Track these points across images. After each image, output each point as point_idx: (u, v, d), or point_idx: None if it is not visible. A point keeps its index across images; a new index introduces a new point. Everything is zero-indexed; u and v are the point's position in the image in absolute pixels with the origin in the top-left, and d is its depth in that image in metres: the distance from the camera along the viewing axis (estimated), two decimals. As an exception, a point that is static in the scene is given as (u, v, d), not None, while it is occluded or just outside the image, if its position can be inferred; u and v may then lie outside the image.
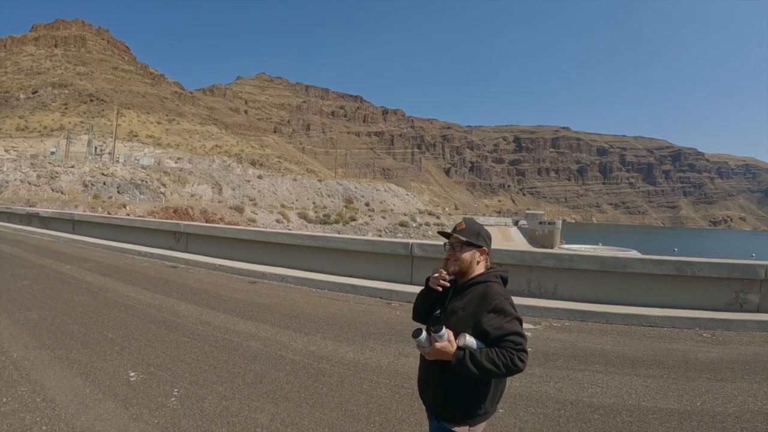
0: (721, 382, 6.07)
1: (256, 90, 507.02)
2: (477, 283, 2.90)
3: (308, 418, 5.02)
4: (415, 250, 12.04)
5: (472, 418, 2.80)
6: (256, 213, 76.20)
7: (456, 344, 2.66)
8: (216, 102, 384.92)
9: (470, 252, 2.96)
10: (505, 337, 2.61)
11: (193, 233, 17.95)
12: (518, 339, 2.61)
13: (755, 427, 4.88)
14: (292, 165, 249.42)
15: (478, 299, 2.80)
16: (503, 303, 2.72)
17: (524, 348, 2.61)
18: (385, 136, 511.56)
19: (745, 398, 5.56)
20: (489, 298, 2.76)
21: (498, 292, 2.79)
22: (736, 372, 6.43)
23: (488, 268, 3.05)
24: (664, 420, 5.06)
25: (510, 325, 2.66)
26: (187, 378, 5.99)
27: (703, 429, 4.85)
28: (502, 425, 4.90)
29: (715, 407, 5.34)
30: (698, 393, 5.73)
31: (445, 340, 2.65)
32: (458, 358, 2.63)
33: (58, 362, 6.38)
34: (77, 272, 13.40)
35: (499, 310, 2.70)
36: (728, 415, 5.14)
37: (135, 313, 9.18)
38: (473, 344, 2.64)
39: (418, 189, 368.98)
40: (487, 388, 2.79)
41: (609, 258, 10.57)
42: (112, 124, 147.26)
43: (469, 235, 2.97)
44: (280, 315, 9.44)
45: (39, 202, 60.48)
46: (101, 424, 4.74)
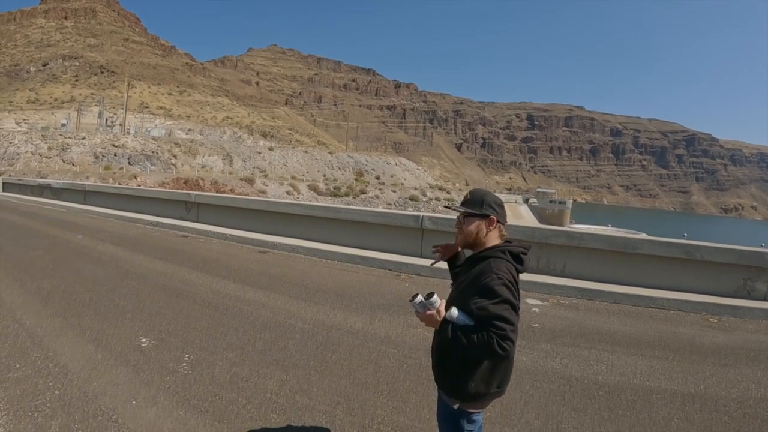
0: (726, 367, 6.07)
1: (267, 62, 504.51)
2: (484, 257, 2.77)
3: (317, 385, 5.07)
4: (425, 223, 12.03)
5: (463, 395, 2.77)
6: (266, 184, 76.34)
7: (443, 315, 2.65)
8: (227, 74, 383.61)
9: (475, 223, 2.84)
10: (490, 320, 2.51)
11: (204, 203, 17.99)
12: (501, 324, 2.49)
13: (757, 413, 4.89)
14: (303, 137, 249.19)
15: (475, 275, 2.70)
16: (493, 283, 2.57)
17: (507, 335, 2.47)
18: (397, 110, 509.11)
19: (748, 384, 5.56)
20: (482, 275, 2.64)
21: (493, 271, 2.62)
22: (740, 358, 6.42)
23: (504, 238, 2.90)
24: (667, 401, 5.07)
25: (495, 308, 2.52)
26: (197, 345, 6.05)
27: (705, 412, 4.87)
28: (507, 398, 4.91)
29: (718, 392, 5.34)
30: (702, 377, 5.73)
31: (434, 309, 2.64)
32: (442, 330, 2.64)
33: (70, 329, 6.45)
34: (89, 242, 13.48)
35: (486, 291, 2.57)
36: (731, 400, 5.15)
37: (146, 282, 9.25)
38: (456, 318, 2.62)
39: (429, 164, 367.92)
40: (477, 368, 2.70)
41: (618, 238, 10.48)
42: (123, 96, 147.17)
43: (472, 205, 2.85)
44: (290, 285, 9.48)
45: (50, 173, 60.75)
46: (113, 389, 4.80)
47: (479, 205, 2.84)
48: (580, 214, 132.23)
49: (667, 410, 4.88)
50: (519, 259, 2.77)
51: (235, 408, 4.51)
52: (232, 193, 58.26)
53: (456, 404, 2.81)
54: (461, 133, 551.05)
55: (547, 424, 4.51)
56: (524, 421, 4.54)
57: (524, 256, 2.80)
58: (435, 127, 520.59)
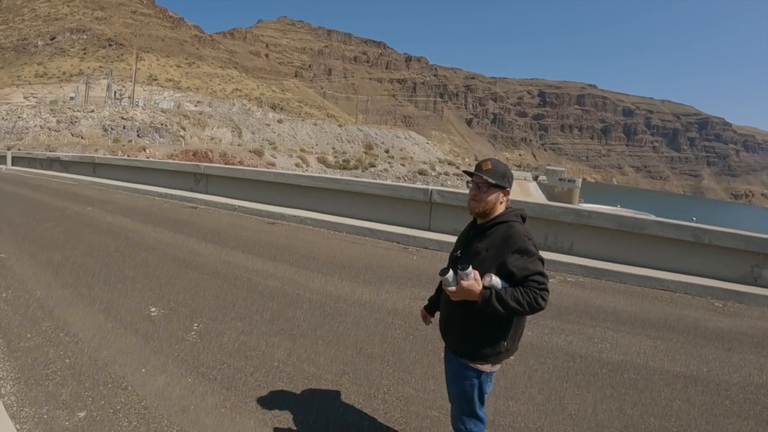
0: (729, 352, 6.07)
1: (277, 34, 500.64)
2: (499, 223, 2.89)
3: (324, 354, 5.13)
4: (434, 197, 12.00)
5: (496, 356, 2.89)
6: (275, 156, 76.24)
7: (482, 283, 2.70)
8: (236, 45, 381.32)
9: (495, 194, 2.90)
10: (530, 277, 2.66)
11: (213, 175, 18.00)
12: (541, 279, 2.66)
13: (758, 399, 4.89)
14: (312, 110, 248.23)
15: (502, 240, 2.80)
16: (527, 243, 2.75)
17: (547, 287, 2.66)
18: (408, 83, 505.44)
19: (750, 370, 5.56)
20: (512, 239, 2.77)
21: (521, 233, 2.79)
22: (744, 344, 6.41)
23: (508, 207, 3.03)
24: (669, 382, 5.10)
25: (534, 265, 2.69)
26: (206, 314, 6.12)
27: (707, 395, 4.89)
28: (512, 372, 4.97)
29: (720, 375, 5.36)
30: (705, 360, 5.74)
31: (472, 278, 2.69)
32: (484, 297, 2.65)
33: (80, 300, 6.52)
34: (98, 214, 13.55)
35: (523, 251, 2.72)
36: (733, 384, 5.16)
37: (155, 253, 9.32)
38: (498, 284, 2.68)
39: (438, 138, 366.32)
40: (509, 327, 2.85)
41: (627, 218, 10.42)
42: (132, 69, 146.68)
43: (495, 176, 2.88)
44: (298, 256, 9.54)
45: (59, 147, 60.73)
46: (123, 357, 4.86)
47: (501, 177, 2.90)
48: (590, 194, 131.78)
49: (669, 391, 4.91)
50: (524, 222, 3.00)
51: (242, 376, 4.57)
52: (241, 165, 58.23)
53: (487, 366, 2.91)
54: (472, 108, 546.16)
55: (551, 399, 4.55)
56: (528, 395, 4.59)
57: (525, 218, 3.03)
58: (445, 101, 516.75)
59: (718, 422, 4.39)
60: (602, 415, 4.33)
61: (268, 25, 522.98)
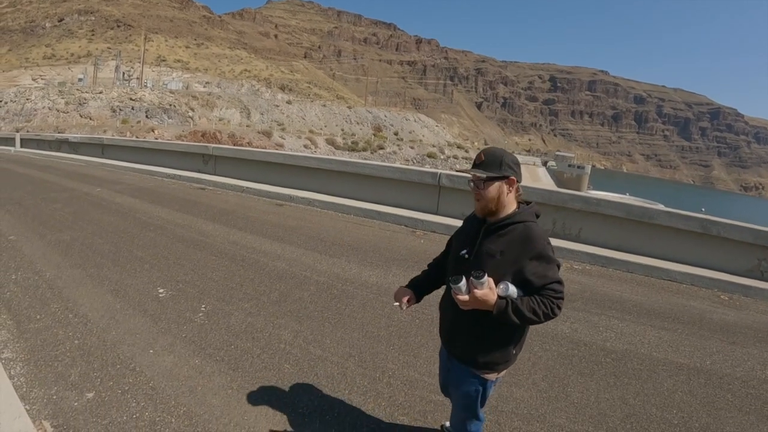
0: (733, 345, 6.06)
1: (286, 14, 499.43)
2: (514, 223, 2.61)
3: (330, 336, 5.16)
4: (442, 180, 12.01)
5: (504, 364, 2.79)
6: (284, 138, 76.25)
7: (497, 292, 2.50)
8: (245, 26, 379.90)
9: (496, 186, 2.61)
10: (547, 286, 2.48)
11: (221, 156, 18.02)
12: (559, 287, 2.50)
13: (760, 394, 4.89)
14: (321, 91, 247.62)
15: (520, 243, 2.55)
16: (546, 249, 2.53)
17: (563, 295, 2.51)
18: (418, 65, 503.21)
19: (754, 364, 5.56)
20: (532, 243, 2.53)
21: (540, 236, 2.55)
22: (748, 338, 6.40)
23: (520, 199, 2.73)
24: (673, 373, 5.10)
25: (552, 272, 2.51)
26: (214, 295, 6.15)
27: (709, 387, 4.89)
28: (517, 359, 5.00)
29: (724, 368, 5.36)
30: (709, 352, 5.74)
31: (486, 287, 2.46)
32: (500, 308, 2.47)
33: (89, 280, 6.54)
34: (107, 194, 13.57)
35: (543, 257, 2.51)
36: (735, 378, 5.16)
37: (164, 233, 9.34)
38: (514, 293, 2.49)
39: (448, 121, 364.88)
40: (520, 334, 2.75)
41: (636, 207, 10.37)
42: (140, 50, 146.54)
43: (490, 167, 2.62)
44: (306, 237, 9.56)
45: (68, 128, 60.86)
46: (131, 337, 4.90)
47: (498, 165, 2.62)
48: (599, 181, 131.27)
49: (671, 382, 4.92)
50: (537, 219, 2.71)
51: (249, 357, 4.60)
52: (249, 146, 58.20)
53: (493, 375, 2.81)
54: (482, 92, 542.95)
55: (554, 385, 4.57)
56: (531, 381, 4.61)
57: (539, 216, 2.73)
58: (455, 84, 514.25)
59: (719, 415, 4.40)
60: (605, 403, 4.35)
61: (278, 5, 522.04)
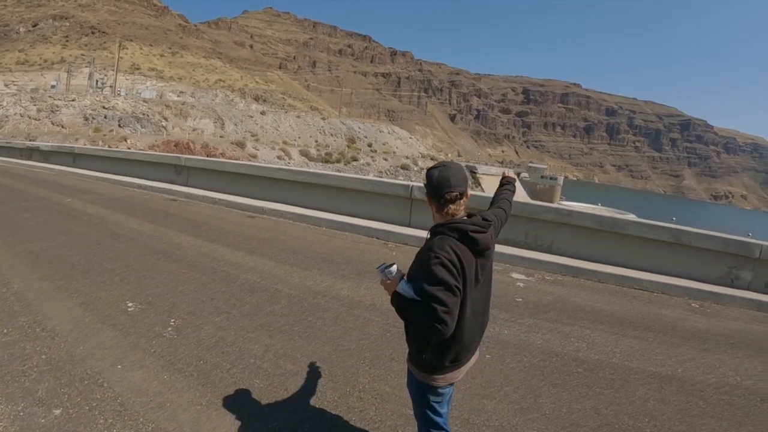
0: (705, 352, 6.14)
1: (262, 24, 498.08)
2: (433, 233, 2.77)
3: (301, 350, 5.15)
4: (415, 193, 12.03)
5: (419, 365, 2.86)
6: (257, 149, 76.04)
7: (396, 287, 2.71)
8: (221, 35, 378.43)
9: (432, 205, 2.86)
10: (426, 300, 2.52)
11: (194, 167, 17.89)
12: (433, 305, 2.49)
13: (732, 400, 4.95)
14: (296, 102, 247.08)
15: (422, 251, 2.73)
16: (431, 263, 2.56)
17: (440, 316, 2.47)
18: (392, 77, 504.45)
19: (726, 371, 5.63)
20: (424, 255, 2.65)
21: (434, 250, 2.60)
22: (720, 345, 6.48)
23: (455, 214, 2.80)
24: (645, 381, 5.16)
25: (431, 288, 2.52)
26: (184, 308, 6.11)
27: (682, 395, 4.94)
28: (489, 370, 5.03)
29: (696, 376, 5.42)
30: (681, 360, 5.80)
31: (390, 279, 2.71)
32: (391, 299, 2.72)
33: (58, 293, 6.48)
34: (78, 204, 13.43)
35: (424, 271, 2.59)
36: (708, 385, 5.22)
37: (135, 245, 9.27)
38: (404, 290, 2.67)
39: (422, 133, 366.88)
40: (426, 339, 2.76)
41: (607, 218, 10.51)
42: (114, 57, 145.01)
43: (426, 188, 2.85)
44: (278, 249, 9.53)
45: (39, 135, 60.08)
46: (100, 352, 4.85)
47: (428, 187, 2.83)
48: (571, 191, 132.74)
49: (644, 390, 4.96)
50: (469, 237, 2.69)
51: (219, 372, 4.58)
52: (222, 156, 57.94)
53: (422, 375, 2.89)
54: (456, 104, 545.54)
55: (526, 397, 4.60)
56: (503, 393, 4.63)
57: (476, 234, 2.72)
58: (429, 96, 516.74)
59: (693, 423, 4.45)
60: (577, 414, 4.39)
61: (254, 15, 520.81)
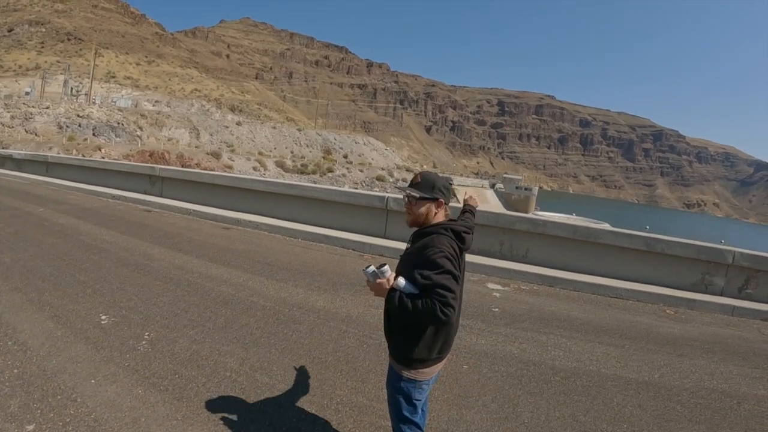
0: (681, 357, 6.23)
1: (239, 34, 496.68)
2: (428, 233, 2.98)
3: (277, 363, 5.11)
4: (390, 204, 12.07)
5: (408, 361, 2.99)
6: (233, 159, 75.85)
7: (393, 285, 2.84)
8: (198, 45, 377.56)
9: (426, 206, 3.05)
10: (433, 288, 2.72)
11: (168, 177, 17.75)
12: (443, 292, 2.71)
13: (709, 404, 5.02)
14: (272, 112, 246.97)
15: (420, 248, 2.91)
16: (436, 255, 2.80)
17: (449, 302, 2.70)
18: (368, 89, 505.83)
19: (701, 375, 5.72)
20: (427, 249, 2.85)
21: (437, 245, 2.85)
22: (695, 350, 6.58)
23: (448, 216, 3.16)
24: (622, 388, 5.21)
25: (438, 277, 2.75)
26: (158, 321, 6.04)
27: (659, 400, 5.01)
28: (466, 380, 5.04)
29: (672, 381, 5.50)
30: (657, 366, 5.88)
31: (384, 278, 2.85)
32: (389, 296, 2.82)
33: (30, 305, 6.37)
34: (51, 215, 13.25)
35: (430, 262, 2.79)
36: (684, 390, 5.29)
37: (108, 256, 9.16)
38: (402, 286, 2.81)
39: (397, 144, 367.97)
40: (421, 333, 2.94)
41: (582, 227, 10.64)
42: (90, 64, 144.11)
43: (423, 189, 3.05)
44: (253, 261, 9.48)
45: (12, 143, 59.35)
46: (73, 366, 4.78)
47: (430, 189, 3.05)
48: (546, 202, 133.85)
49: (621, 397, 5.01)
50: (461, 237, 3.02)
51: (194, 386, 4.53)
52: (198, 167, 57.62)
53: (403, 370, 3.02)
54: (431, 116, 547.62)
55: (504, 406, 4.62)
56: (481, 403, 4.65)
57: (466, 235, 3.06)
58: (405, 108, 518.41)
59: (670, 427, 4.51)
60: (555, 422, 4.42)
61: (231, 25, 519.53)
